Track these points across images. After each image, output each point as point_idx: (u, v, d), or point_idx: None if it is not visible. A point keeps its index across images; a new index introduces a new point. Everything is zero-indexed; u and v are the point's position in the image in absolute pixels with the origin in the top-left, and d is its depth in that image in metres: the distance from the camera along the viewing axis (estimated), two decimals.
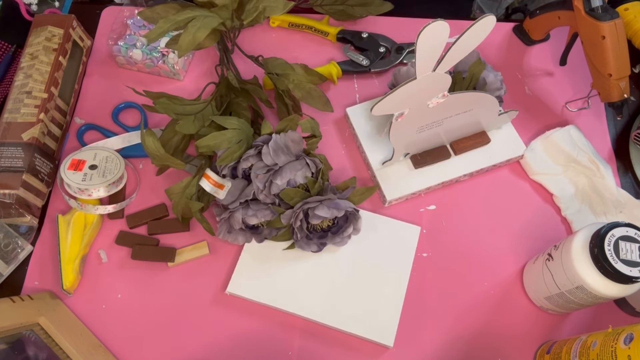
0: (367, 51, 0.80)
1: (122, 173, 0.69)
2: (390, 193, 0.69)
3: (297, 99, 0.70)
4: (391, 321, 0.62)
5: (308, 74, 0.68)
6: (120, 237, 0.68)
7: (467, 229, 0.70)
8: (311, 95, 0.69)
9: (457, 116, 0.66)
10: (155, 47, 0.76)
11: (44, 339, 0.60)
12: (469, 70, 0.69)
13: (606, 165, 0.72)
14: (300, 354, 0.63)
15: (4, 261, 0.66)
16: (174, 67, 0.77)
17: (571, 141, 0.73)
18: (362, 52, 0.80)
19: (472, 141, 0.72)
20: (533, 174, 0.72)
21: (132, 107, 0.77)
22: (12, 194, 0.64)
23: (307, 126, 0.65)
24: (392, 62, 0.79)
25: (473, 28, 0.52)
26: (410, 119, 0.62)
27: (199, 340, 0.64)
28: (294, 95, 0.69)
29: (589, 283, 0.54)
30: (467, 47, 0.55)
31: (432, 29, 0.50)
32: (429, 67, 0.55)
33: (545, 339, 0.64)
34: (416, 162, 0.70)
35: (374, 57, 0.79)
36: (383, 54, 0.79)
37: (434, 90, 0.59)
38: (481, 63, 0.68)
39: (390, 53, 0.79)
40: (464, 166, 0.71)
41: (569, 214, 0.70)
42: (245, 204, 0.63)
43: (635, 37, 0.78)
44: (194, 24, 0.59)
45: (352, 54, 0.80)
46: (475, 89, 0.69)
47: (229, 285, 0.64)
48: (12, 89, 0.71)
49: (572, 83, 0.80)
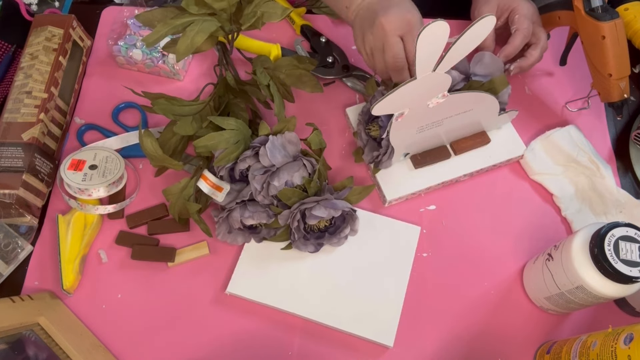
0: (316, 54, 0.79)
1: (122, 173, 0.69)
2: (390, 193, 0.69)
3: (288, 85, 0.70)
4: (391, 321, 0.62)
5: (300, 62, 0.68)
6: (120, 237, 0.68)
7: (467, 229, 0.70)
8: (301, 80, 0.69)
9: (457, 116, 0.66)
10: (155, 47, 0.76)
11: (44, 339, 0.60)
12: (492, 83, 0.67)
13: (606, 165, 0.72)
14: (300, 354, 0.63)
15: (4, 261, 0.66)
16: (174, 67, 0.77)
17: (571, 141, 0.73)
18: (312, 53, 0.80)
19: (472, 141, 0.71)
20: (533, 174, 0.72)
21: (132, 107, 0.77)
22: (12, 194, 0.64)
23: (316, 140, 0.66)
24: (332, 74, 0.78)
25: (473, 28, 0.52)
26: (410, 119, 0.62)
27: (199, 340, 0.64)
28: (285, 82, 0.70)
29: (589, 283, 0.54)
30: (468, 47, 0.55)
31: (432, 29, 0.50)
32: (429, 67, 0.55)
33: (545, 339, 0.64)
34: (416, 162, 0.70)
35: (319, 62, 0.78)
36: (329, 64, 0.78)
37: (434, 90, 0.59)
38: (505, 81, 0.67)
39: (335, 66, 0.78)
40: (464, 166, 0.71)
41: (569, 214, 0.70)
42: (242, 204, 0.63)
43: (635, 37, 0.78)
44: (192, 28, 0.59)
45: (300, 48, 0.80)
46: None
47: (229, 285, 0.64)
48: (12, 89, 0.71)
49: (572, 83, 0.80)
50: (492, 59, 0.68)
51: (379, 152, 0.67)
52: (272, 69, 0.68)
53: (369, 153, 0.68)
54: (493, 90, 0.66)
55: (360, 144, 0.71)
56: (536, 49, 0.71)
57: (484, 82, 0.67)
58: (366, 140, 0.69)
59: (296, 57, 0.68)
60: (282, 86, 0.69)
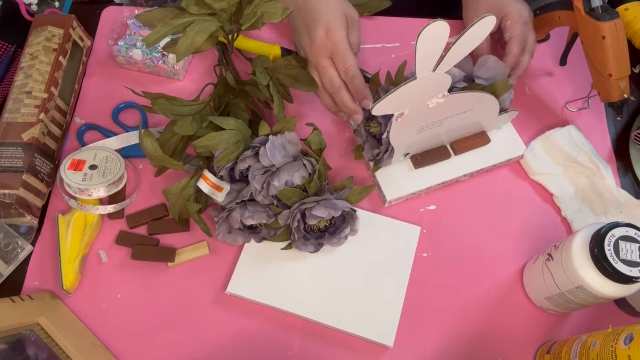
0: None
1: (122, 173, 0.69)
2: (390, 193, 0.69)
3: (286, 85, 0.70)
4: (391, 321, 0.62)
5: (297, 61, 0.68)
6: (120, 237, 0.68)
7: (467, 229, 0.70)
8: (297, 80, 0.69)
9: (457, 116, 0.66)
10: (155, 47, 0.76)
11: (44, 339, 0.60)
12: (493, 86, 0.67)
13: (606, 165, 0.72)
14: (300, 354, 0.63)
15: (4, 261, 0.66)
16: (174, 67, 0.77)
17: (571, 141, 0.73)
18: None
19: (472, 141, 0.71)
20: (533, 174, 0.72)
21: (132, 107, 0.77)
22: (12, 194, 0.64)
23: (316, 140, 0.66)
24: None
25: (473, 28, 0.52)
26: (410, 119, 0.62)
27: (199, 340, 0.64)
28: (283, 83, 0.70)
29: (589, 283, 0.54)
30: (468, 47, 0.55)
31: (432, 29, 0.50)
32: (429, 67, 0.55)
33: (545, 339, 0.64)
34: (416, 162, 0.70)
35: None
36: None
37: (434, 90, 0.59)
38: (506, 85, 0.67)
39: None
40: (464, 166, 0.71)
41: (569, 214, 0.70)
42: (242, 204, 0.63)
43: (635, 37, 0.78)
44: (192, 29, 0.59)
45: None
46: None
47: (229, 285, 0.64)
48: (12, 89, 0.71)
49: (572, 83, 0.80)
50: (496, 63, 0.67)
51: (379, 149, 0.67)
52: (271, 69, 0.68)
53: (369, 150, 0.68)
54: (494, 94, 0.66)
55: (360, 141, 0.71)
56: (525, 54, 0.71)
57: (486, 85, 0.67)
58: (366, 137, 0.69)
59: (294, 57, 0.68)
60: (281, 87, 0.70)
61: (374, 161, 0.69)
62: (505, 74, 0.68)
